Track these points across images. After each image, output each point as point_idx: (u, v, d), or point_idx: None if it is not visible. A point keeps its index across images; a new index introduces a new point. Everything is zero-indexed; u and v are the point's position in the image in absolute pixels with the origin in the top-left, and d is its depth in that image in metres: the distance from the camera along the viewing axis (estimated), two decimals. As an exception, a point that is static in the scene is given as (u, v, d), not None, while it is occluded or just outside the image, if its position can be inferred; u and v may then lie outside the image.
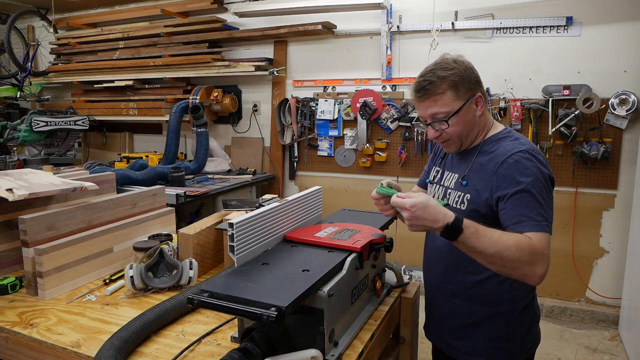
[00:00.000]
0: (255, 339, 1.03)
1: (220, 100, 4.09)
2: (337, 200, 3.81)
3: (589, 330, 3.13)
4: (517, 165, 1.23)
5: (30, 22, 5.29)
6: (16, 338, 1.31)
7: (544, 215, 1.19)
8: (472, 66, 1.34)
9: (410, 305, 1.58)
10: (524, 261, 1.13)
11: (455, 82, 1.28)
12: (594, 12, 3.07)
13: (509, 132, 1.37)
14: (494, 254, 1.13)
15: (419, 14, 3.52)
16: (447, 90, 1.29)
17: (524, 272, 1.14)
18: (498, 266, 1.16)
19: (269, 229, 1.35)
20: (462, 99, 1.30)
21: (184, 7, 4.20)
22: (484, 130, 1.39)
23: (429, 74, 1.31)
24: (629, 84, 3.00)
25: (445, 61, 1.32)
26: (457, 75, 1.29)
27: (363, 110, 3.65)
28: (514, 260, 1.13)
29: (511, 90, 3.30)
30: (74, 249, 1.57)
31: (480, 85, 1.35)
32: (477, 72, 1.35)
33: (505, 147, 1.30)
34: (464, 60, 1.34)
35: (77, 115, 4.27)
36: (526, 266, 1.14)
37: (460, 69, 1.30)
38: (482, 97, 1.34)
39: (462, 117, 1.31)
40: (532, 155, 1.25)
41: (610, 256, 3.21)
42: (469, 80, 1.31)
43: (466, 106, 1.31)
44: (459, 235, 1.13)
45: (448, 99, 1.29)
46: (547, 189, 1.23)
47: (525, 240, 1.14)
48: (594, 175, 3.17)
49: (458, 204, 1.35)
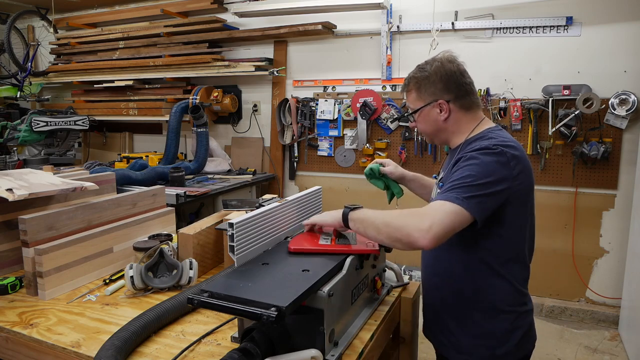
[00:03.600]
0: (255, 339, 1.03)
1: (220, 100, 4.09)
2: (337, 200, 3.81)
3: (589, 330, 3.13)
4: (468, 160, 1.23)
5: (30, 22, 5.29)
6: (16, 338, 1.31)
7: (458, 189, 1.16)
8: (451, 73, 1.35)
9: (410, 305, 1.58)
10: (406, 217, 1.15)
11: (419, 84, 1.38)
12: (594, 12, 3.07)
13: (488, 132, 1.34)
14: (376, 220, 1.20)
15: (419, 14, 3.52)
16: (413, 90, 1.41)
17: (407, 229, 1.12)
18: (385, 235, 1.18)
19: (269, 229, 1.35)
20: (423, 100, 1.39)
21: (184, 7, 4.20)
22: (464, 133, 1.38)
23: (413, 70, 1.42)
24: (629, 84, 3.00)
25: (429, 61, 1.39)
26: (424, 79, 1.37)
27: (363, 110, 3.65)
28: (396, 223, 1.15)
29: (511, 90, 3.30)
30: (74, 249, 1.57)
31: (453, 92, 1.35)
32: (458, 79, 1.35)
33: (476, 145, 1.29)
34: (447, 65, 1.36)
35: (77, 115, 4.27)
36: (409, 221, 1.13)
37: (430, 73, 1.36)
38: (446, 103, 1.35)
39: (424, 117, 1.40)
40: (490, 149, 1.22)
41: (610, 256, 3.21)
42: (434, 86, 1.35)
43: (427, 108, 1.38)
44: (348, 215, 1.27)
45: (412, 97, 1.42)
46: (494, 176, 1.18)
47: (413, 209, 1.17)
48: (594, 175, 3.17)
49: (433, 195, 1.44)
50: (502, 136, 1.30)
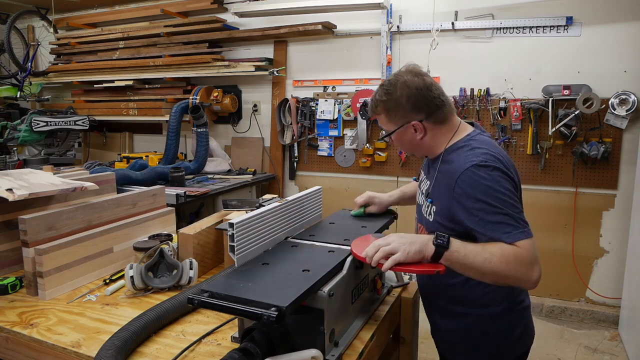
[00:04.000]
0: (256, 339, 1.03)
1: (220, 100, 4.09)
2: (337, 200, 3.80)
3: (589, 330, 3.13)
4: (467, 183, 1.20)
5: (30, 22, 5.29)
6: (16, 338, 1.31)
7: (515, 224, 1.15)
8: (418, 91, 1.29)
9: (411, 305, 1.58)
10: (513, 268, 1.12)
11: (387, 108, 1.34)
12: (594, 12, 3.07)
13: (468, 140, 1.32)
14: (483, 263, 1.12)
15: (419, 14, 3.52)
16: (382, 113, 1.37)
17: (517, 278, 1.14)
18: (491, 279, 1.16)
19: (269, 229, 1.35)
20: (395, 124, 1.35)
21: (184, 7, 4.20)
22: (443, 144, 1.35)
23: (377, 91, 1.37)
24: (629, 84, 3.00)
25: (393, 81, 1.33)
26: (391, 102, 1.32)
27: (363, 110, 3.65)
28: (503, 271, 1.12)
29: (511, 90, 3.30)
30: (74, 249, 1.57)
31: (424, 111, 1.30)
32: (427, 96, 1.29)
33: (458, 161, 1.26)
34: (412, 82, 1.30)
35: (77, 115, 4.27)
36: (517, 272, 1.12)
37: (395, 96, 1.30)
38: (419, 123, 1.31)
39: (400, 137, 1.38)
40: (481, 166, 1.20)
41: (610, 256, 3.21)
42: (403, 109, 1.31)
43: (400, 130, 1.35)
44: (448, 245, 1.12)
45: (383, 120, 1.38)
46: (505, 192, 1.18)
47: (509, 250, 1.13)
48: (594, 175, 3.17)
49: (427, 214, 1.38)
50: (485, 145, 1.28)
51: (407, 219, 3.39)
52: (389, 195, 1.71)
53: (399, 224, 3.39)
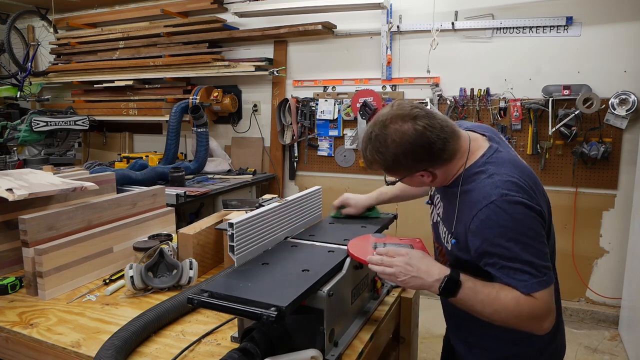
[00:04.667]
0: (255, 339, 1.03)
1: (220, 100, 4.09)
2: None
3: (589, 330, 3.13)
4: (485, 224, 1.09)
5: (30, 22, 5.29)
6: (16, 338, 1.31)
7: (534, 273, 1.06)
8: (413, 143, 1.11)
9: (410, 305, 1.58)
10: (525, 322, 1.09)
11: (385, 167, 1.19)
12: (594, 12, 3.07)
13: (485, 163, 1.17)
14: (493, 314, 1.09)
15: (419, 14, 3.52)
16: (380, 169, 1.21)
17: (528, 329, 1.10)
18: (500, 324, 1.11)
19: (269, 229, 1.35)
20: (398, 175, 1.22)
21: (184, 7, 4.20)
22: (456, 173, 1.21)
23: (363, 145, 1.20)
24: (629, 84, 3.00)
25: (380, 138, 1.14)
26: (386, 161, 1.16)
27: (363, 110, 3.65)
28: (514, 323, 1.09)
29: (511, 90, 3.30)
30: (74, 249, 1.57)
31: (428, 159, 1.15)
32: (425, 144, 1.11)
33: (477, 192, 1.13)
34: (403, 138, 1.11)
35: (77, 115, 4.27)
36: (529, 326, 1.10)
37: (389, 155, 1.14)
38: (426, 172, 1.18)
39: (409, 182, 1.24)
40: (502, 202, 1.07)
41: (610, 256, 3.21)
42: (401, 165, 1.16)
43: (406, 179, 1.22)
44: (458, 288, 1.08)
45: (383, 173, 1.25)
46: (528, 233, 1.08)
47: (523, 301, 1.06)
48: (594, 175, 3.17)
49: (444, 240, 1.28)
50: (504, 167, 1.14)
51: (407, 219, 3.40)
52: (367, 197, 1.68)
53: (399, 224, 3.39)
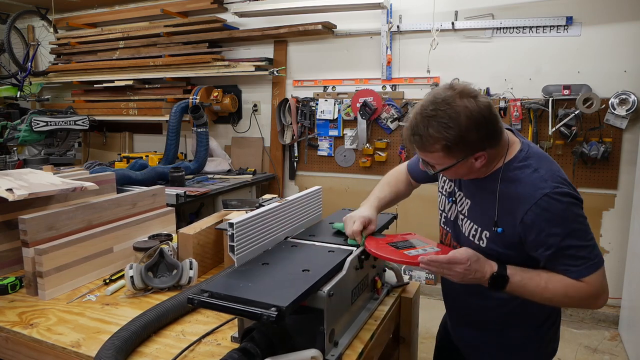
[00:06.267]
0: (255, 339, 1.03)
1: (220, 100, 4.09)
2: (337, 200, 3.80)
3: (589, 330, 3.13)
4: (542, 217, 1.12)
5: (30, 22, 5.29)
6: (16, 338, 1.31)
7: (586, 256, 1.14)
8: (481, 118, 1.10)
9: (410, 305, 1.58)
10: (576, 304, 1.18)
11: (449, 147, 1.11)
12: (594, 12, 3.07)
13: (525, 158, 1.20)
14: (544, 300, 1.18)
15: (419, 13, 3.52)
16: (440, 150, 1.14)
17: (583, 307, 1.20)
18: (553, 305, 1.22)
19: (269, 229, 1.35)
20: (455, 158, 1.15)
21: (184, 7, 4.20)
22: (496, 163, 1.22)
23: (423, 124, 1.12)
24: (629, 84, 3.00)
25: (450, 113, 1.09)
26: (453, 138, 1.10)
27: (363, 110, 3.65)
28: (565, 305, 1.19)
29: (511, 90, 3.30)
30: (74, 249, 1.57)
31: (490, 139, 1.15)
32: (491, 121, 1.12)
33: (526, 185, 1.15)
34: (474, 111, 1.09)
35: (77, 115, 4.27)
36: (581, 306, 1.19)
37: (460, 130, 1.09)
38: (484, 154, 1.15)
39: (455, 170, 1.20)
40: (555, 193, 1.12)
41: (610, 256, 3.21)
42: (469, 142, 1.12)
43: (460, 163, 1.16)
44: (506, 284, 1.16)
45: (439, 156, 1.16)
46: (580, 220, 1.17)
47: (572, 286, 1.14)
48: (594, 175, 3.17)
49: (475, 239, 1.27)
50: (544, 162, 1.19)
51: (407, 219, 3.39)
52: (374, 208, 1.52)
53: (399, 224, 3.39)
